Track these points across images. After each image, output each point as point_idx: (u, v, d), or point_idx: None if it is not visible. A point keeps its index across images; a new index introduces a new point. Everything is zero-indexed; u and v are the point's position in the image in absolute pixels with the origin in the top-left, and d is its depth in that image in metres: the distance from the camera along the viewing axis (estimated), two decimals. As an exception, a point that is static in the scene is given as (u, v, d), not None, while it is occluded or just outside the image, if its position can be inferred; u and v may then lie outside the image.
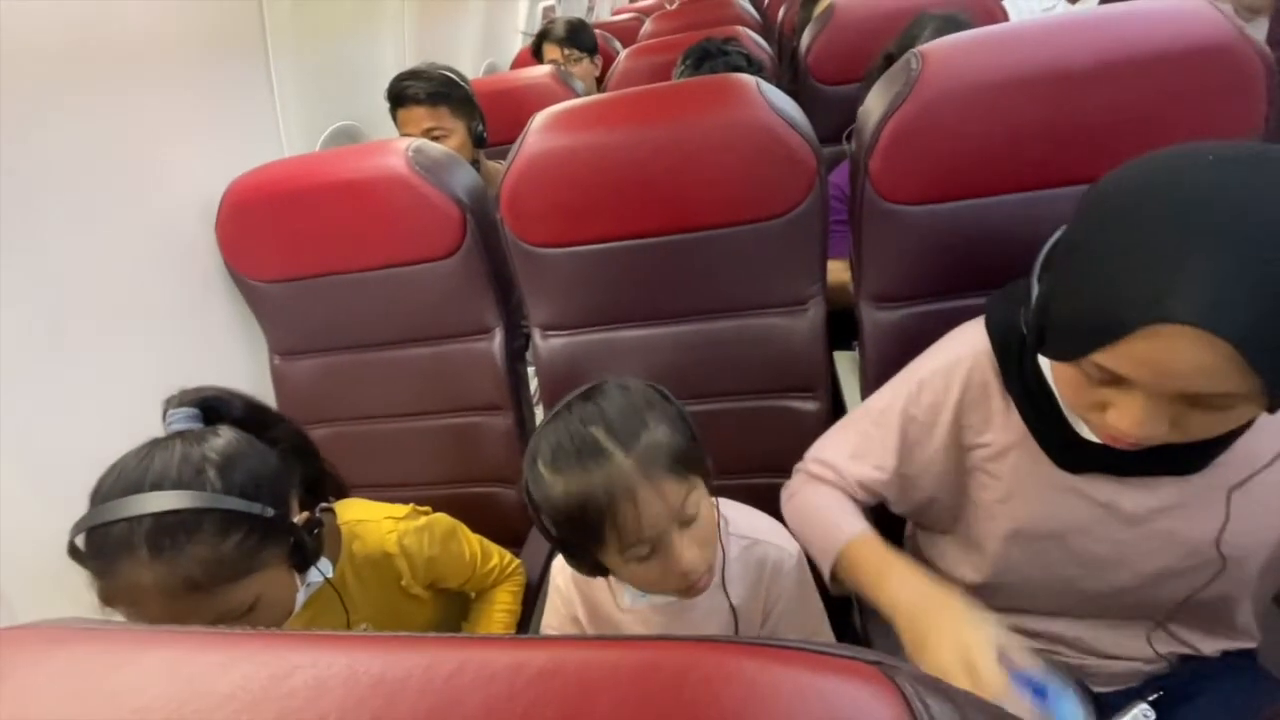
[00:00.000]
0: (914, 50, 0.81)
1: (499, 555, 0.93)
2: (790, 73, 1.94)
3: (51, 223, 0.87)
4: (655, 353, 1.01)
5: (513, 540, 1.12)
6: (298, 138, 1.30)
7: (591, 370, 1.04)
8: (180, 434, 0.62)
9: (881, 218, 0.86)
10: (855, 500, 0.75)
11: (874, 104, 0.85)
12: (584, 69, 2.06)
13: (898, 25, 1.35)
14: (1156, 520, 0.61)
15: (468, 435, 1.13)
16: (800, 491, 0.78)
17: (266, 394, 1.16)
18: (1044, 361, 0.59)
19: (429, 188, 0.97)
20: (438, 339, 1.09)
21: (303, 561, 0.65)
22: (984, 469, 0.67)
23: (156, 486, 0.56)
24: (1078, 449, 0.60)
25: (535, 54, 2.12)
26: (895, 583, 0.62)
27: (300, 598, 0.67)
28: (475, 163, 1.43)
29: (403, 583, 0.80)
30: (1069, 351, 0.51)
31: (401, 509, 0.84)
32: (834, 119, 1.49)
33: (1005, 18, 1.51)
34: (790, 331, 0.96)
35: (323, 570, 0.69)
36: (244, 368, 1.15)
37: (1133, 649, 0.68)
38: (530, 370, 1.16)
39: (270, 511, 0.60)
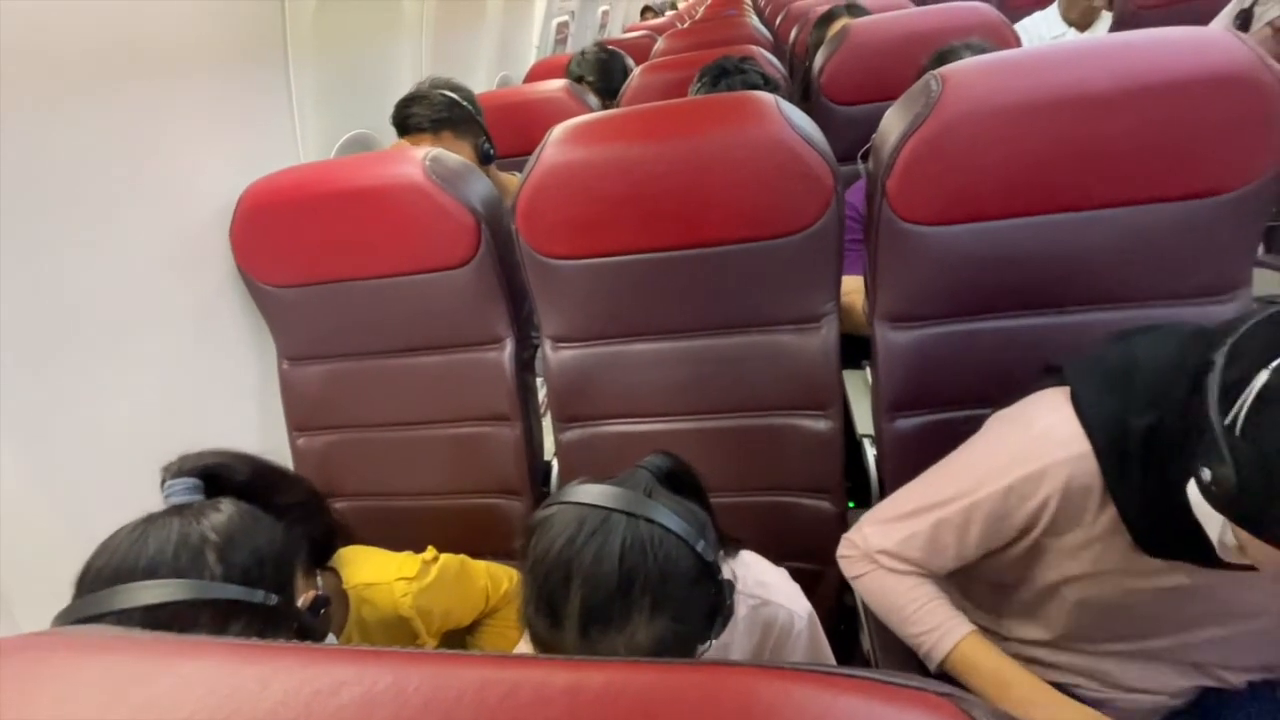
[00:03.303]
0: (934, 72, 0.81)
1: (507, 578, 0.91)
2: (801, 92, 1.95)
3: (67, 222, 0.87)
4: (666, 367, 1.01)
5: (517, 553, 1.11)
6: (313, 145, 1.31)
7: (600, 383, 1.03)
8: (179, 509, 0.57)
9: (898, 237, 0.86)
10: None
11: (892, 124, 0.85)
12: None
13: (912, 48, 1.36)
14: (1227, 588, 0.59)
15: (474, 445, 1.12)
16: (874, 575, 0.73)
17: (274, 399, 1.16)
18: (1196, 496, 0.51)
19: (445, 197, 0.98)
20: (448, 348, 1.09)
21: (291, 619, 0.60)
22: (1060, 554, 0.64)
23: (150, 573, 0.51)
24: (1174, 543, 0.56)
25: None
26: (1022, 694, 0.61)
27: None
28: (485, 176, 1.43)
29: (418, 642, 0.77)
30: None
31: (412, 565, 0.79)
32: (846, 139, 1.50)
33: (1019, 44, 1.52)
34: (803, 349, 0.96)
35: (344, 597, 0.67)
36: (252, 372, 1.15)
37: (1159, 683, 0.67)
38: (538, 381, 1.16)
39: (273, 599, 0.56)
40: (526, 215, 0.95)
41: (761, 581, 0.72)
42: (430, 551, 0.83)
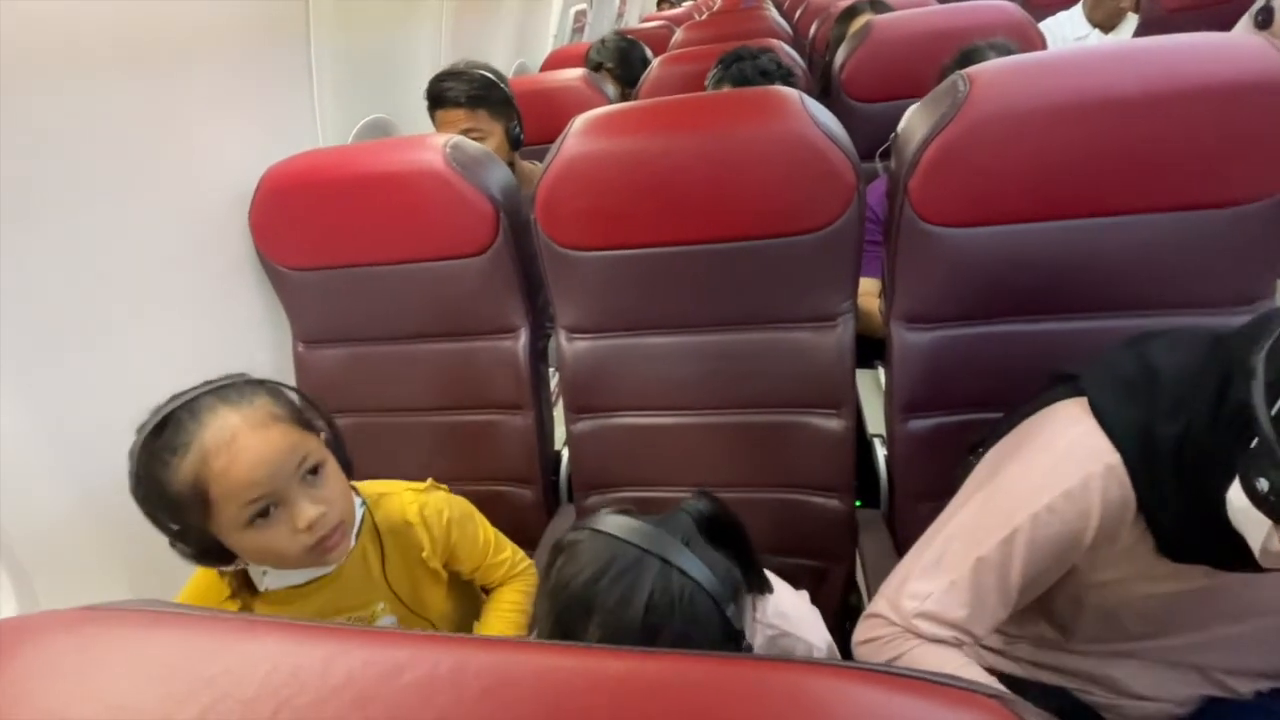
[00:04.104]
0: (961, 72, 0.81)
1: (511, 550, 0.92)
2: (821, 87, 1.94)
3: (85, 203, 0.87)
4: (680, 361, 1.01)
5: (526, 541, 1.12)
6: (332, 129, 1.31)
7: (613, 375, 1.04)
8: None
9: (918, 238, 0.85)
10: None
11: (916, 123, 0.84)
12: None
13: (936, 46, 1.35)
14: (1244, 587, 0.59)
15: (486, 433, 1.13)
16: (911, 655, 0.63)
17: (288, 381, 1.16)
18: (1242, 503, 0.50)
19: (464, 184, 0.98)
20: (462, 335, 1.09)
21: (339, 450, 0.71)
22: (1088, 567, 0.63)
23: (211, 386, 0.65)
24: (1203, 549, 0.56)
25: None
26: None
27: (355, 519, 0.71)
28: (510, 164, 1.43)
29: (424, 555, 0.81)
30: None
31: (420, 483, 0.85)
32: (866, 136, 1.49)
33: (1044, 46, 1.50)
34: (818, 347, 0.96)
35: (360, 499, 0.74)
36: (268, 353, 1.16)
37: (1167, 690, 0.68)
38: (551, 371, 1.16)
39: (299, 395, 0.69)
40: (546, 205, 0.95)
41: (781, 612, 0.70)
42: (444, 486, 0.89)
